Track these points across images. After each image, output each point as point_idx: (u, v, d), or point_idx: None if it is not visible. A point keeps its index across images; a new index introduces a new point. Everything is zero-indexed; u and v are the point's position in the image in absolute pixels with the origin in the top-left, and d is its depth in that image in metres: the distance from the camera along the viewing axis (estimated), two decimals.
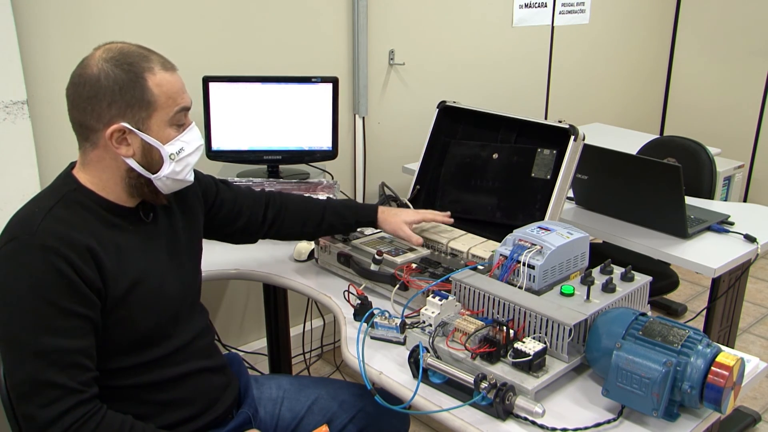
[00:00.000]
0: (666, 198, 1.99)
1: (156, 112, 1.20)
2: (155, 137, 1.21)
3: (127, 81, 1.17)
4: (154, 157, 1.22)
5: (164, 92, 1.20)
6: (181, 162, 1.25)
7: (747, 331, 3.11)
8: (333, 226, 1.67)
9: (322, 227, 1.66)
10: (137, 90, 1.18)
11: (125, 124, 1.18)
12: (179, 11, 2.20)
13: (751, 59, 3.97)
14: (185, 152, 1.25)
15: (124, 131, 1.19)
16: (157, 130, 1.21)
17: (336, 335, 2.89)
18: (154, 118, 1.20)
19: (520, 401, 1.15)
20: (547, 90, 3.59)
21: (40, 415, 1.09)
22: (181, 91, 1.23)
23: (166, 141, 1.22)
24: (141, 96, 1.18)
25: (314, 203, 1.68)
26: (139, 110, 1.18)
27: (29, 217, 1.16)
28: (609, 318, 1.24)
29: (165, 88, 1.20)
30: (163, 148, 1.22)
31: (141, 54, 1.20)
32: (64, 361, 1.11)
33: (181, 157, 1.25)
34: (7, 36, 1.82)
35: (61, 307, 1.12)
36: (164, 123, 1.21)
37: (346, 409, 1.55)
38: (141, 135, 1.20)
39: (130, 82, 1.17)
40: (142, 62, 1.19)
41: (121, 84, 1.17)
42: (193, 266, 1.42)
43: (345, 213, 1.67)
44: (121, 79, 1.17)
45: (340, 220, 1.66)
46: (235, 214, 1.57)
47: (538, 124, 1.84)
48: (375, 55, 2.74)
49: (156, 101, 1.19)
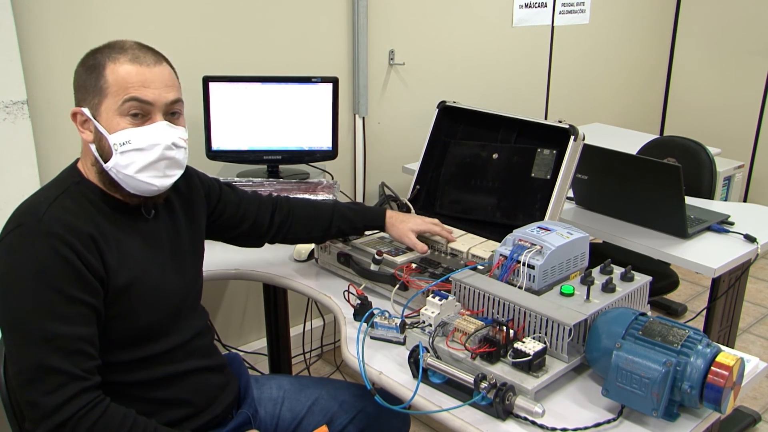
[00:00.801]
0: (666, 198, 1.99)
1: (105, 99, 1.20)
2: (104, 125, 1.21)
3: (91, 67, 1.21)
4: (104, 145, 1.21)
5: (117, 81, 1.19)
6: (126, 156, 1.20)
7: (747, 331, 3.11)
8: (341, 230, 1.67)
9: (330, 232, 1.66)
10: (94, 76, 1.20)
11: (83, 109, 1.22)
12: (179, 11, 2.20)
13: (751, 59, 3.97)
14: (132, 146, 1.20)
15: (82, 115, 1.22)
16: (106, 118, 1.20)
17: (336, 335, 2.89)
18: (104, 105, 1.20)
19: (520, 401, 1.15)
20: (547, 90, 3.59)
21: (44, 402, 1.09)
22: (142, 84, 1.20)
23: (112, 130, 1.20)
24: (95, 82, 1.20)
25: (322, 207, 1.68)
26: (93, 96, 1.21)
27: (35, 206, 1.18)
28: (609, 318, 1.25)
29: (119, 76, 1.19)
30: (109, 137, 1.20)
31: (121, 46, 1.22)
32: (69, 347, 1.12)
33: (126, 149, 1.20)
34: (7, 36, 1.82)
35: (66, 294, 1.12)
36: (113, 111, 1.20)
37: (347, 409, 1.55)
38: (93, 121, 1.21)
39: (93, 68, 1.21)
40: (113, 52, 1.21)
41: (86, 69, 1.22)
42: (194, 266, 1.42)
43: (353, 218, 1.67)
44: (88, 65, 1.22)
45: (348, 224, 1.67)
46: (239, 218, 1.57)
47: (538, 124, 1.84)
48: (375, 55, 2.74)
49: (107, 89, 1.19)
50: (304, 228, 1.65)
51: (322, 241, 1.72)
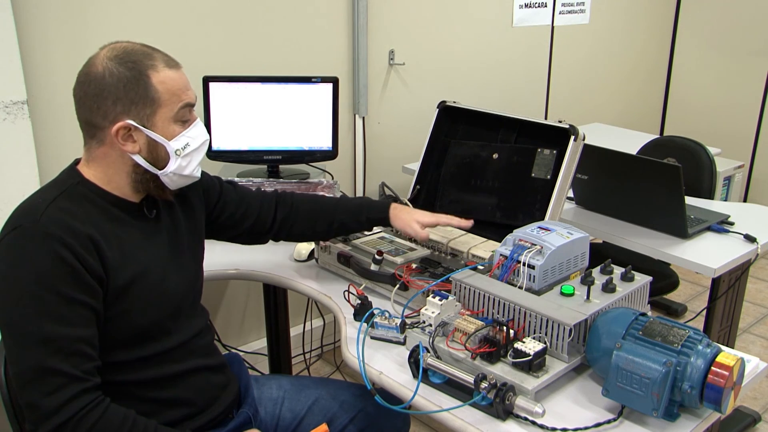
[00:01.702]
0: (666, 198, 1.99)
1: (160, 109, 1.21)
2: (160, 133, 1.23)
3: (131, 78, 1.19)
4: (160, 153, 1.24)
5: (168, 89, 1.21)
6: (186, 157, 1.27)
7: (747, 331, 3.12)
8: (344, 224, 1.64)
9: (333, 226, 1.63)
10: (141, 87, 1.19)
11: (130, 122, 1.20)
12: (180, 11, 2.20)
13: (751, 59, 3.97)
14: (191, 147, 1.27)
15: (130, 128, 1.20)
16: (161, 127, 1.22)
17: (336, 335, 2.89)
18: (159, 115, 1.21)
19: (520, 401, 1.15)
20: (547, 90, 3.59)
21: (44, 404, 1.09)
22: (185, 87, 1.25)
23: (171, 137, 1.24)
24: (145, 93, 1.20)
25: (325, 202, 1.67)
26: (144, 107, 1.20)
27: (33, 207, 1.18)
28: (609, 318, 1.24)
29: (168, 84, 1.21)
30: (169, 144, 1.23)
31: (144, 52, 1.22)
32: (68, 348, 1.12)
33: (186, 152, 1.26)
34: (7, 36, 1.82)
35: (65, 295, 1.12)
36: (168, 119, 1.23)
37: (347, 409, 1.55)
38: (146, 132, 1.21)
39: (134, 80, 1.19)
40: (145, 60, 1.21)
41: (125, 81, 1.19)
42: (194, 265, 1.42)
43: (356, 210, 1.64)
44: (125, 77, 1.19)
45: (351, 217, 1.64)
46: (240, 216, 1.57)
47: (538, 124, 1.84)
48: (375, 55, 2.74)
49: (160, 98, 1.21)
50: (308, 222, 1.63)
51: (326, 236, 1.69)
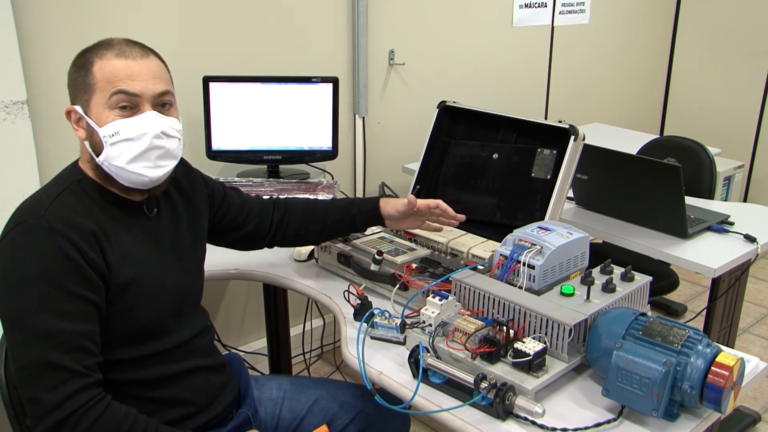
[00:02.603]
0: (666, 198, 1.99)
1: (94, 95, 1.21)
2: (94, 119, 1.21)
3: (80, 65, 1.23)
4: (96, 139, 1.22)
5: (104, 75, 1.20)
6: (116, 146, 1.20)
7: (747, 331, 3.12)
8: (337, 221, 1.64)
9: (327, 223, 1.64)
10: (82, 74, 1.22)
11: (75, 107, 1.23)
12: (179, 11, 2.20)
13: (751, 59, 3.97)
14: (121, 136, 1.20)
15: (77, 114, 1.23)
16: (96, 113, 1.21)
17: (336, 335, 2.89)
18: (93, 101, 1.21)
19: (520, 401, 1.15)
20: (547, 90, 3.59)
21: (45, 399, 1.09)
22: (128, 77, 1.20)
23: (102, 123, 1.21)
24: (84, 79, 1.22)
25: (318, 203, 1.69)
26: (84, 93, 1.22)
27: (37, 203, 1.18)
28: (609, 318, 1.24)
29: (106, 71, 1.20)
30: (99, 130, 1.21)
31: (108, 42, 1.24)
32: (70, 344, 1.12)
33: (115, 140, 1.20)
34: (7, 36, 1.82)
35: (68, 290, 1.13)
36: (102, 105, 1.21)
37: (347, 409, 1.55)
38: (85, 117, 1.22)
39: (81, 66, 1.22)
40: (101, 49, 1.22)
41: (77, 68, 1.23)
42: (195, 266, 1.42)
43: (347, 206, 1.67)
44: (79, 64, 1.23)
45: (343, 213, 1.65)
46: (242, 219, 1.58)
47: (538, 124, 1.84)
48: (375, 55, 2.74)
49: (95, 84, 1.21)
50: (301, 223, 1.64)
51: (320, 236, 1.69)
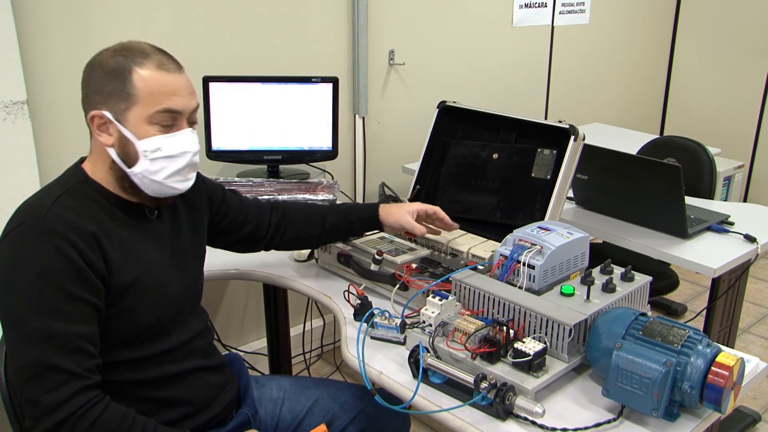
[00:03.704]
0: (666, 198, 1.99)
1: (134, 106, 1.20)
2: (132, 131, 1.20)
3: (114, 71, 1.19)
4: (130, 151, 1.22)
5: (147, 88, 1.19)
6: (157, 162, 1.22)
7: (747, 331, 3.12)
8: (336, 225, 1.65)
9: (325, 228, 1.65)
10: (119, 81, 1.19)
11: (105, 113, 1.20)
12: (180, 11, 2.20)
13: (751, 59, 3.97)
14: (162, 153, 1.22)
15: (105, 119, 1.21)
16: (134, 124, 1.20)
17: (336, 335, 2.89)
18: (132, 112, 1.20)
19: (520, 401, 1.15)
20: (547, 90, 3.59)
21: (44, 400, 1.09)
22: (172, 93, 1.21)
23: (142, 137, 1.21)
24: (122, 87, 1.19)
25: (316, 207, 1.69)
26: (119, 101, 1.20)
27: (38, 204, 1.18)
28: (609, 318, 1.24)
29: (149, 84, 1.19)
30: (138, 143, 1.21)
31: (143, 50, 1.22)
32: (70, 345, 1.12)
33: (156, 156, 1.21)
34: (7, 36, 1.82)
35: (68, 292, 1.13)
36: (143, 119, 1.20)
37: (347, 410, 1.55)
38: (118, 125, 1.20)
39: (116, 72, 1.19)
40: (137, 57, 1.20)
41: (108, 72, 1.20)
42: (195, 268, 1.42)
43: (346, 211, 1.67)
44: (110, 68, 1.20)
45: (342, 218, 1.65)
46: (241, 221, 1.58)
47: (538, 124, 1.84)
48: (375, 55, 2.74)
49: (136, 95, 1.19)
50: (300, 226, 1.64)
51: (318, 240, 1.70)
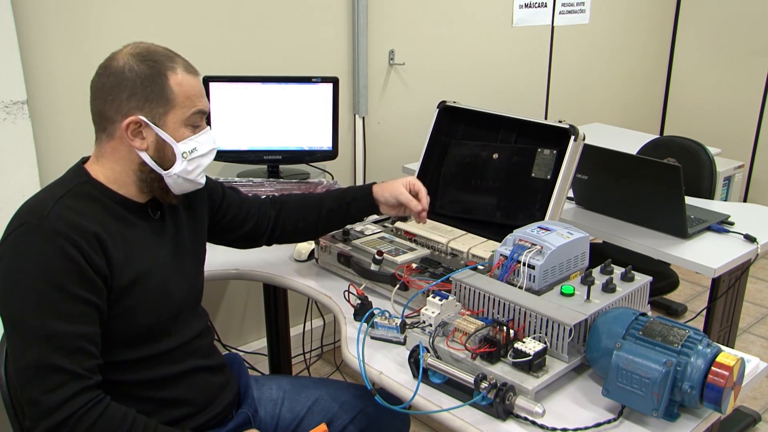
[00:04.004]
0: (666, 198, 1.99)
1: (173, 110, 1.23)
2: (170, 134, 1.24)
3: (149, 76, 1.21)
4: (167, 153, 1.25)
5: (184, 92, 1.23)
6: (193, 162, 1.28)
7: (747, 331, 3.12)
8: (332, 210, 1.65)
9: (322, 213, 1.64)
10: (157, 86, 1.21)
11: (142, 117, 1.21)
12: (180, 11, 2.20)
13: (751, 59, 3.97)
14: (198, 153, 1.28)
15: (141, 124, 1.22)
16: (172, 128, 1.24)
17: (336, 335, 2.89)
18: (171, 116, 1.23)
19: (520, 401, 1.15)
20: (547, 90, 3.59)
21: (45, 400, 1.10)
22: (200, 94, 1.27)
23: (179, 139, 1.25)
24: (160, 92, 1.21)
25: (313, 195, 1.71)
26: (158, 105, 1.22)
27: (40, 204, 1.19)
28: (609, 318, 1.24)
29: (185, 88, 1.23)
30: (176, 146, 1.25)
31: (166, 54, 1.25)
32: (70, 346, 1.12)
33: (193, 156, 1.27)
34: (7, 36, 1.82)
35: (69, 292, 1.13)
36: (180, 122, 1.24)
37: (347, 410, 1.55)
38: (156, 130, 1.23)
39: (152, 77, 1.21)
40: (166, 61, 1.23)
41: (143, 78, 1.21)
42: (196, 267, 1.43)
43: (340, 194, 1.67)
44: (144, 74, 1.21)
45: (337, 203, 1.65)
46: (242, 218, 1.58)
47: (538, 124, 1.84)
48: (375, 55, 2.74)
49: (174, 99, 1.22)
50: (297, 216, 1.64)
51: (317, 228, 1.68)
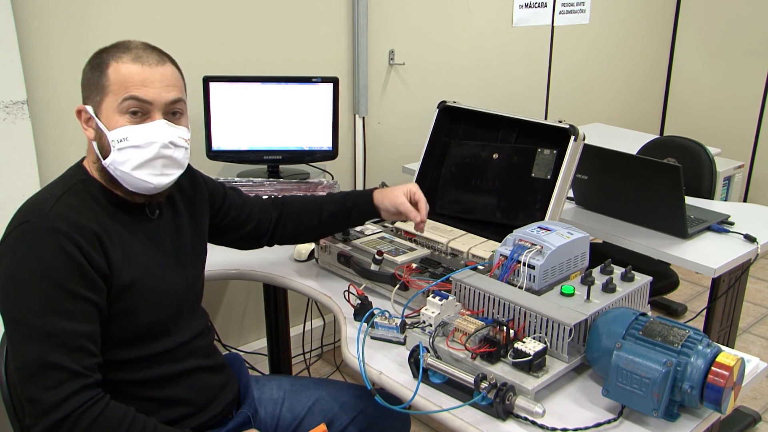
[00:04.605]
0: (666, 198, 1.99)
1: (106, 97, 1.21)
2: (104, 122, 1.22)
3: (94, 66, 1.23)
4: (104, 142, 1.22)
5: (118, 79, 1.20)
6: (123, 152, 1.20)
7: (747, 331, 3.12)
8: (333, 214, 1.65)
9: (323, 217, 1.65)
10: (96, 75, 1.22)
11: (87, 107, 1.23)
12: (180, 11, 2.20)
13: (751, 59, 3.97)
14: (129, 143, 1.20)
15: (83, 112, 1.24)
16: (106, 115, 1.22)
17: (336, 335, 2.89)
18: (105, 103, 1.22)
19: (520, 401, 1.15)
20: (547, 90, 3.59)
21: (45, 398, 1.10)
22: (141, 83, 1.20)
23: (112, 127, 1.21)
24: (98, 80, 1.22)
25: (314, 197, 1.70)
26: (96, 94, 1.22)
27: (40, 202, 1.19)
28: (609, 318, 1.24)
29: (121, 75, 1.20)
30: (108, 134, 1.21)
31: (126, 45, 1.24)
32: (70, 344, 1.12)
33: (123, 146, 1.20)
34: (7, 36, 1.82)
35: (69, 290, 1.13)
36: (113, 109, 1.21)
37: (347, 410, 1.55)
38: (95, 118, 1.23)
39: (96, 67, 1.23)
40: (118, 51, 1.22)
41: (92, 68, 1.23)
42: (196, 267, 1.42)
43: (343, 199, 1.67)
44: (94, 64, 1.23)
45: (338, 206, 1.65)
46: (243, 219, 1.58)
47: (538, 124, 1.84)
48: (375, 55, 2.74)
49: (108, 86, 1.21)
50: (299, 218, 1.64)
51: (317, 230, 1.69)
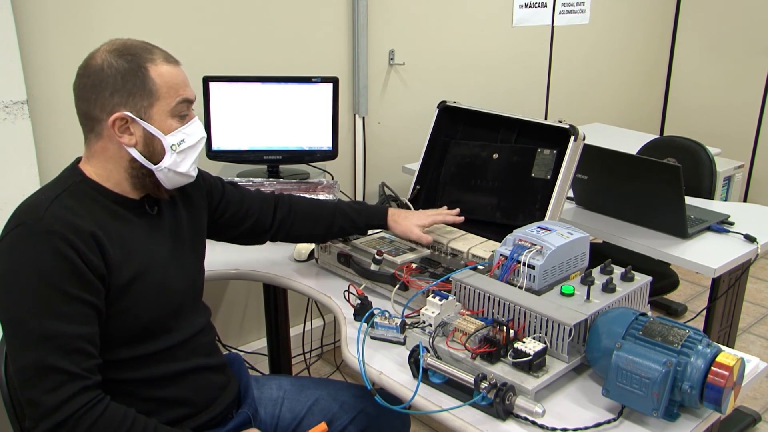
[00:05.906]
0: (666, 198, 1.99)
1: (158, 102, 1.22)
2: (157, 127, 1.23)
3: (129, 70, 1.20)
4: (156, 147, 1.24)
5: (166, 82, 1.22)
6: (182, 153, 1.27)
7: (747, 331, 3.12)
8: (343, 228, 1.67)
9: (332, 230, 1.66)
10: (138, 79, 1.20)
11: (127, 113, 1.20)
12: (180, 11, 2.20)
13: (751, 59, 3.97)
14: (186, 144, 1.27)
15: (127, 120, 1.21)
16: (158, 120, 1.23)
17: (336, 335, 2.89)
18: (156, 108, 1.22)
19: (520, 401, 1.15)
20: (547, 90, 3.59)
21: (44, 401, 1.10)
22: (183, 83, 1.26)
23: (167, 131, 1.24)
24: (143, 85, 1.20)
25: (324, 206, 1.69)
26: (141, 99, 1.21)
27: (36, 204, 1.18)
28: (609, 318, 1.24)
29: (167, 78, 1.22)
30: (165, 138, 1.24)
31: (144, 47, 1.24)
32: (69, 346, 1.12)
33: (182, 148, 1.26)
34: (7, 36, 1.82)
35: (67, 293, 1.13)
36: (165, 113, 1.23)
37: (347, 410, 1.55)
38: (143, 124, 1.22)
39: (132, 71, 1.20)
40: (144, 54, 1.22)
41: (123, 73, 1.20)
42: (196, 263, 1.43)
43: (355, 216, 1.67)
44: (124, 69, 1.20)
45: (350, 223, 1.67)
46: (242, 215, 1.58)
47: (538, 124, 1.84)
48: (375, 55, 2.74)
49: (158, 91, 1.21)
50: (306, 225, 1.65)
51: (323, 239, 1.72)
